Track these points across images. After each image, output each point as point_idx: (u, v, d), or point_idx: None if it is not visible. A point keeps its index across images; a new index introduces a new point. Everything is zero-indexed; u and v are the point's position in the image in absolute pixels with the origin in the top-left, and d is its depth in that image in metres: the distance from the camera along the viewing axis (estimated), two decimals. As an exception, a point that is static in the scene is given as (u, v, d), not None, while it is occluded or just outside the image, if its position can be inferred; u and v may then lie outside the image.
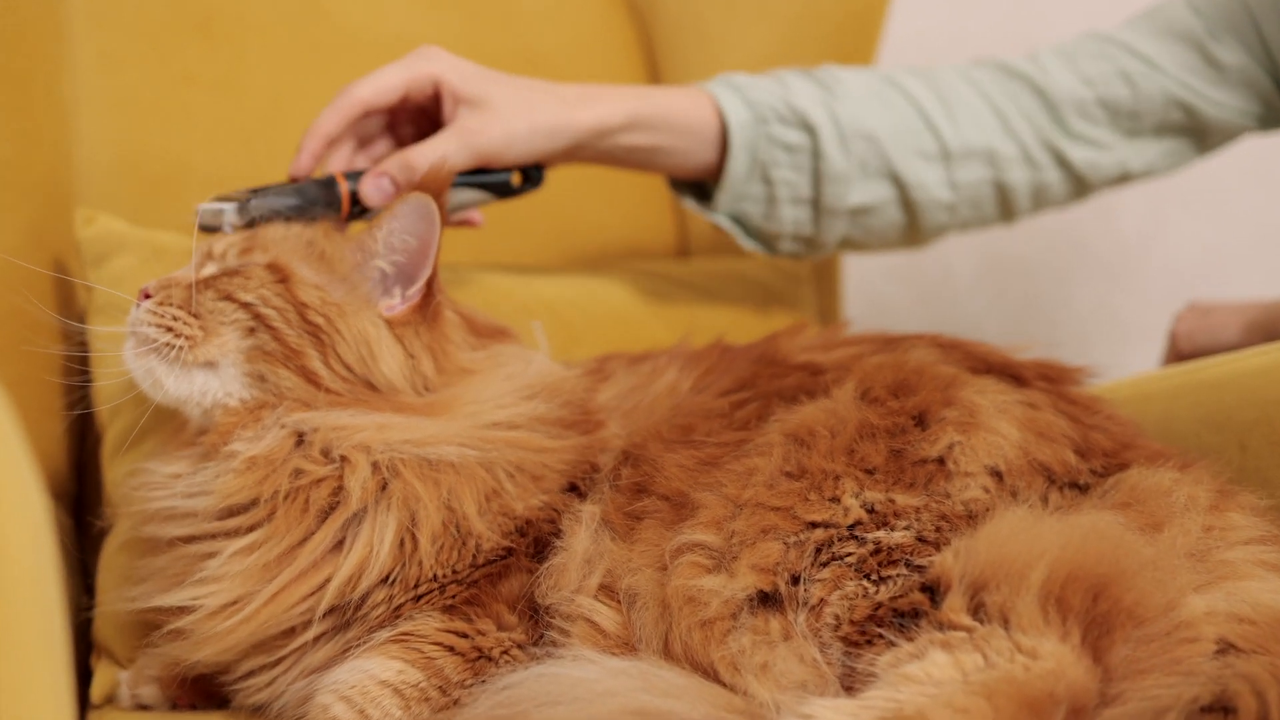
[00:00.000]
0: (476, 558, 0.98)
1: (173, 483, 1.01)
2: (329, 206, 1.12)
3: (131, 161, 1.37)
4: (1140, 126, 1.36)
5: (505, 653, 0.96)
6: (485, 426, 1.01)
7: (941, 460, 0.93)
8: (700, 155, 1.28)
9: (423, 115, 1.20)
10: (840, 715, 0.78)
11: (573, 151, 1.22)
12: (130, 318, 1.03)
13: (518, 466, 1.01)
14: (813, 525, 0.90)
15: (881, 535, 0.88)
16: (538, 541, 1.00)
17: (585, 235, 1.54)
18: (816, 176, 1.30)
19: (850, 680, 0.84)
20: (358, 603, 0.97)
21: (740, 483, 0.94)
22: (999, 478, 0.93)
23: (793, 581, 0.88)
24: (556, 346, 1.18)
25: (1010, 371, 1.04)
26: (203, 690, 1.06)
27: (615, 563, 0.95)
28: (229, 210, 1.08)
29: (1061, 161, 1.35)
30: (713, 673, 0.88)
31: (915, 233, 1.37)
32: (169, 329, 1.00)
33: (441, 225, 1.02)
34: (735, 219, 1.33)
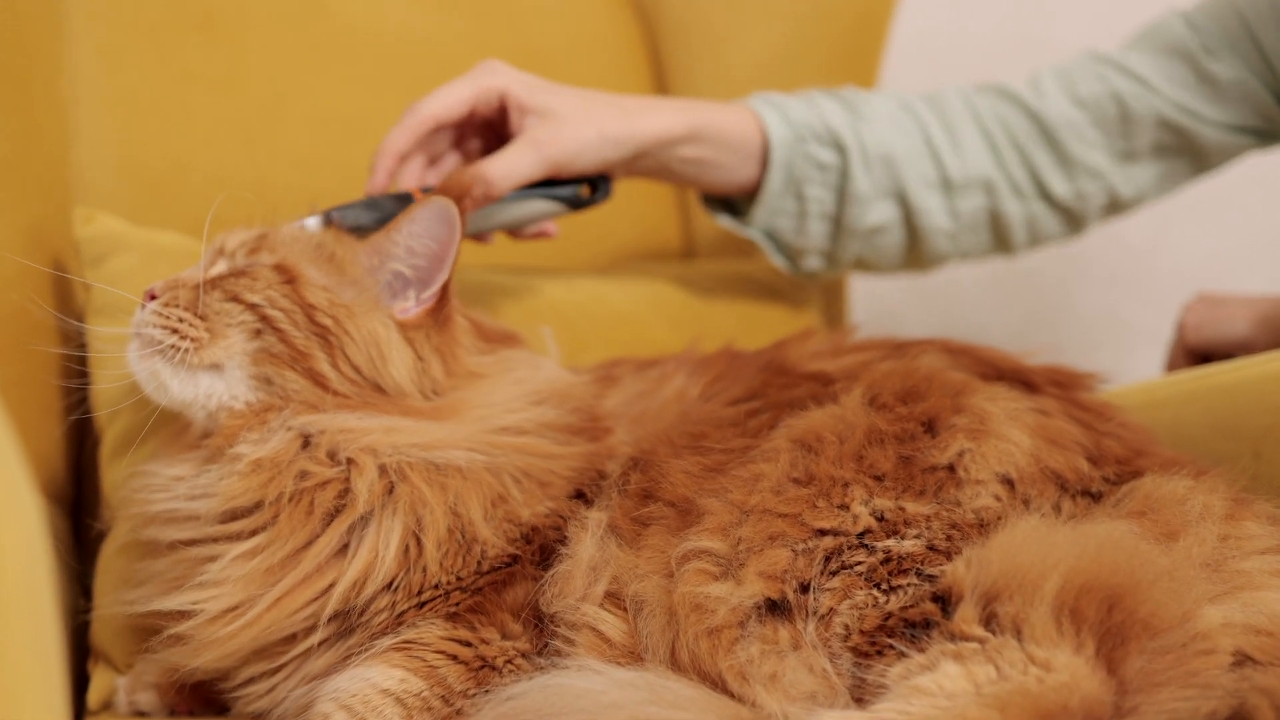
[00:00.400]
0: (481, 564, 0.97)
1: (175, 485, 1.00)
2: None
3: (131, 161, 1.37)
4: (1135, 148, 1.37)
5: (509, 662, 0.95)
6: (493, 431, 1.01)
7: (952, 467, 0.92)
8: (743, 171, 1.30)
9: (488, 129, 1.23)
10: (850, 728, 0.77)
11: (633, 161, 1.24)
12: (135, 319, 1.02)
13: (525, 472, 1.00)
14: (821, 533, 0.89)
15: (891, 544, 0.87)
16: (544, 549, 0.99)
17: (591, 238, 1.53)
18: (842, 196, 1.33)
19: (860, 691, 0.83)
20: (360, 609, 0.96)
21: (746, 489, 0.93)
22: (1010, 485, 0.92)
23: (801, 590, 0.87)
24: (562, 349, 1.18)
25: (1021, 378, 1.04)
26: (201, 697, 1.05)
27: (622, 569, 0.94)
28: (312, 226, 1.10)
29: (1045, 194, 1.37)
30: (720, 683, 0.87)
31: (918, 257, 1.40)
32: (174, 330, 0.99)
33: (461, 231, 1.02)
34: (768, 234, 1.35)
